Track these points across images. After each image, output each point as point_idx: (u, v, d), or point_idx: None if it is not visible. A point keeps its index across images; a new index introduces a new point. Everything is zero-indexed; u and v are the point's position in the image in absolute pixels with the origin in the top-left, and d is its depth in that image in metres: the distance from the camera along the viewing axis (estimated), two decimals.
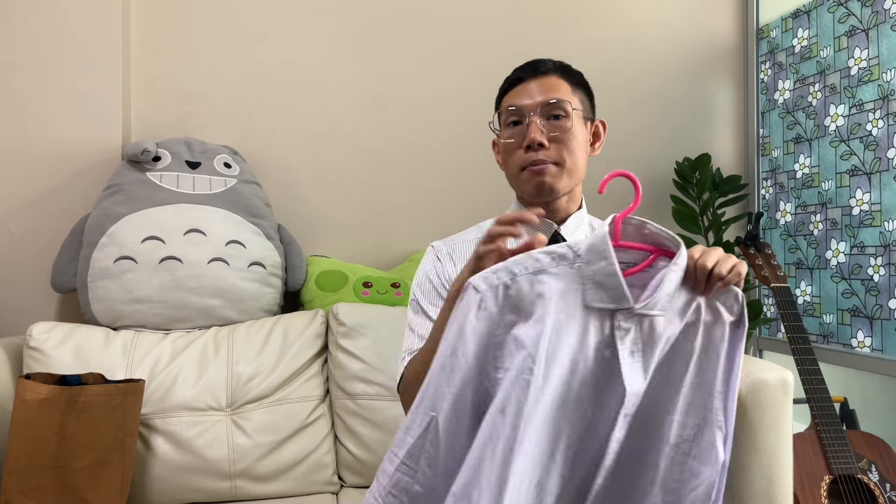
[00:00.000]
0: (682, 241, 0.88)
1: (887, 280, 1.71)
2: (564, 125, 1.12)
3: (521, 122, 1.14)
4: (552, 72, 1.15)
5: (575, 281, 0.85)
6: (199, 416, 1.59)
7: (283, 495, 1.61)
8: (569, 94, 1.14)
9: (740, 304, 0.90)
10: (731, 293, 0.90)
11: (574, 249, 0.86)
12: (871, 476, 1.57)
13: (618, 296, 0.84)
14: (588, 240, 0.86)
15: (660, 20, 2.27)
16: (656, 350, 0.87)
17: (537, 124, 1.12)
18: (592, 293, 0.85)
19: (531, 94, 1.14)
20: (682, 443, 0.89)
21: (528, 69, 1.17)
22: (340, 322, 1.72)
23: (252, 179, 1.90)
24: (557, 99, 1.12)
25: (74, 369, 1.54)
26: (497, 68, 1.21)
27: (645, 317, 0.85)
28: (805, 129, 2.01)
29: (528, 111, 1.13)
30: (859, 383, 2.12)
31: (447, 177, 2.13)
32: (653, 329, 0.86)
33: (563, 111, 1.13)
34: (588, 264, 0.85)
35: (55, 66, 1.85)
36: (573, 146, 1.13)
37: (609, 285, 0.84)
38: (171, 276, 1.70)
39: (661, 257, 0.89)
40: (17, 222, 1.85)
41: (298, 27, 2.07)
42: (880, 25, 1.74)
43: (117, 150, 1.89)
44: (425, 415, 0.83)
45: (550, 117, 1.13)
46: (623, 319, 0.85)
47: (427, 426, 0.83)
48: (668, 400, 0.89)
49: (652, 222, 0.89)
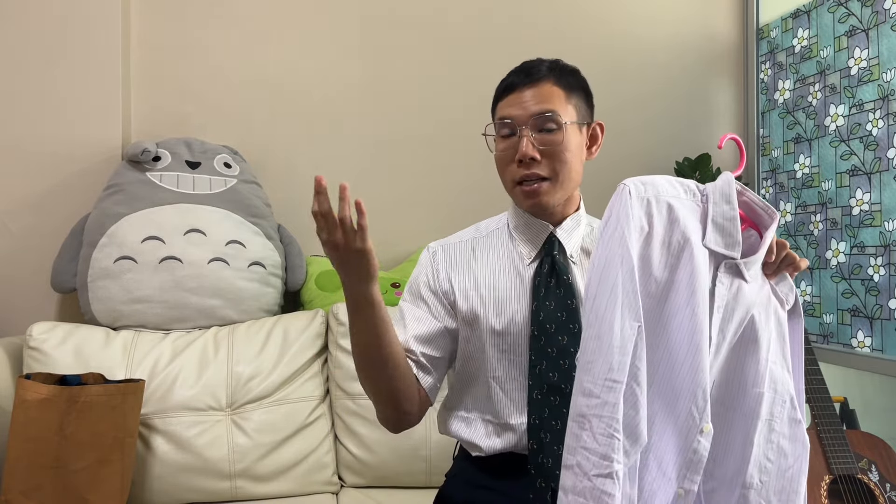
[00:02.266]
0: (777, 212, 0.92)
1: (887, 280, 1.71)
2: (556, 139, 1.09)
3: (513, 133, 1.11)
4: (546, 77, 1.11)
5: (699, 218, 0.90)
6: (199, 416, 1.59)
7: (283, 495, 1.61)
8: (562, 103, 1.11)
9: (795, 295, 0.94)
10: (786, 282, 0.95)
11: (700, 189, 0.91)
12: (871, 476, 1.57)
13: (732, 242, 0.88)
14: (714, 183, 0.90)
15: (660, 20, 2.27)
16: (735, 317, 0.89)
17: (529, 138, 1.09)
18: (711, 234, 0.89)
19: (523, 105, 1.10)
20: (773, 419, 0.90)
21: (522, 74, 1.13)
22: (340, 322, 1.72)
23: (252, 179, 1.90)
24: (550, 112, 1.09)
25: (74, 369, 1.54)
26: (497, 69, 1.20)
27: (737, 276, 0.89)
28: (805, 129, 2.01)
29: (519, 124, 1.10)
30: (859, 383, 2.12)
31: (447, 177, 2.13)
32: (739, 293, 0.89)
33: (556, 123, 1.09)
34: (714, 205, 0.89)
35: (55, 66, 1.85)
36: (566, 158, 1.10)
37: (727, 230, 0.88)
38: (171, 276, 1.70)
39: (750, 228, 0.93)
40: (17, 222, 1.85)
41: (298, 27, 2.07)
42: (880, 25, 1.74)
43: (117, 150, 1.89)
44: (631, 328, 0.82)
45: (543, 130, 1.10)
46: (724, 271, 0.88)
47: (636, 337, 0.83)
48: (755, 373, 0.90)
49: (751, 190, 0.93)
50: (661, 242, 0.87)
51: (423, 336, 1.15)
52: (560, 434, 1.05)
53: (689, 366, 0.84)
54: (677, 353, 0.85)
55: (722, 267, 0.88)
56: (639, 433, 0.81)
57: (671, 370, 0.85)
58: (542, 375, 1.08)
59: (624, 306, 0.82)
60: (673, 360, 0.85)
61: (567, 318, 1.09)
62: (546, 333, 1.09)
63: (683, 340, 0.85)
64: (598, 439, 0.79)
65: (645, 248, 0.87)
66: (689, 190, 0.91)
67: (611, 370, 0.80)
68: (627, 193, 0.87)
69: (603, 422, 0.80)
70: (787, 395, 0.91)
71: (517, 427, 1.11)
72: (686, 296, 0.85)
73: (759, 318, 0.91)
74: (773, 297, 0.93)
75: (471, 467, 1.17)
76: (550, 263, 1.12)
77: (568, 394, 1.04)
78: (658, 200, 0.88)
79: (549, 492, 1.05)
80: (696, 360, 0.84)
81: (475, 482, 1.15)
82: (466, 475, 1.18)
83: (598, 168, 1.28)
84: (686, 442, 0.85)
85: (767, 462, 0.90)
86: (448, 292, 1.17)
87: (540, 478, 1.06)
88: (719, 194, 0.90)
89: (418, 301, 1.19)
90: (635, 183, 0.88)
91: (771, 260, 0.93)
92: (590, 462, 0.80)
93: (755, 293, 0.90)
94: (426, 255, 1.22)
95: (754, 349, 0.90)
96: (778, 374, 0.91)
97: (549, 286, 1.11)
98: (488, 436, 1.14)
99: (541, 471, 1.06)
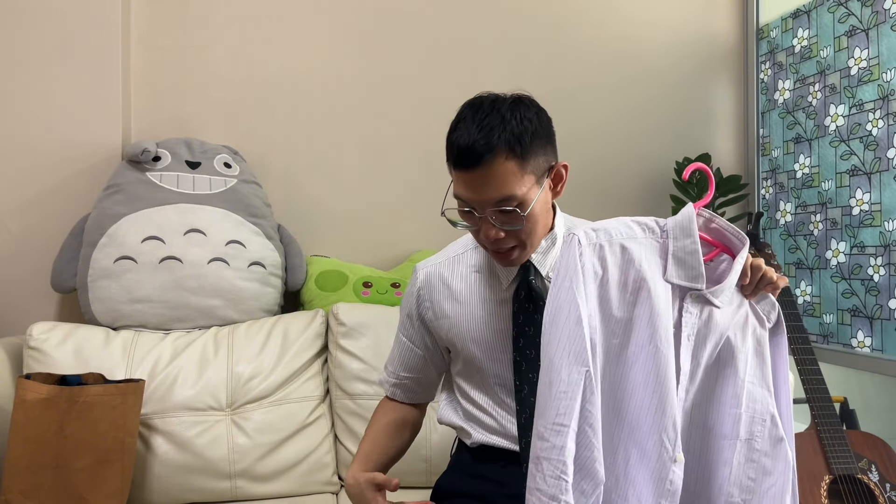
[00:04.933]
0: (747, 237, 0.93)
1: (887, 280, 1.71)
2: (517, 219, 1.03)
3: (471, 211, 1.05)
4: (498, 152, 1.00)
5: (658, 254, 0.92)
6: (199, 416, 1.59)
7: (283, 495, 1.61)
8: (518, 180, 1.01)
9: (777, 312, 0.95)
10: (768, 300, 0.96)
11: (660, 225, 0.93)
12: (871, 476, 1.57)
13: (695, 275, 0.90)
14: (674, 218, 0.93)
15: (660, 20, 2.27)
16: (709, 343, 0.91)
17: (490, 222, 1.04)
18: (673, 268, 0.91)
19: (478, 190, 1.02)
20: (753, 439, 0.92)
21: (467, 161, 1.02)
22: (340, 322, 1.72)
23: (252, 179, 1.90)
24: (507, 197, 1.02)
25: (74, 369, 1.54)
26: (497, 69, 1.20)
27: (707, 304, 0.91)
28: (805, 129, 2.01)
29: (478, 210, 1.04)
30: (859, 383, 2.12)
31: (447, 177, 2.13)
32: (710, 319, 0.91)
33: (517, 205, 1.03)
34: (675, 240, 0.91)
35: (55, 66, 1.85)
36: (530, 226, 1.06)
37: (689, 263, 0.90)
38: (171, 276, 1.70)
39: (722, 253, 0.94)
40: (17, 222, 1.85)
41: (299, 27, 2.07)
42: (880, 25, 1.74)
43: (117, 150, 1.89)
44: (578, 374, 0.85)
45: (504, 211, 1.03)
46: (691, 302, 0.90)
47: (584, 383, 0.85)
48: (732, 395, 0.92)
49: (720, 217, 0.93)
50: (618, 284, 0.90)
51: (411, 367, 1.26)
52: None
53: (658, 399, 0.87)
54: (644, 388, 0.88)
55: (688, 298, 0.91)
56: (595, 472, 0.85)
57: (640, 405, 0.88)
58: (525, 400, 1.09)
59: (571, 354, 0.85)
60: (640, 395, 0.88)
61: None
62: (527, 359, 1.10)
63: (650, 375, 0.88)
64: (547, 481, 0.83)
65: (602, 291, 0.90)
66: (648, 228, 0.93)
67: (558, 415, 0.84)
68: (577, 243, 0.89)
69: (551, 464, 0.83)
70: (766, 415, 0.92)
71: (508, 431, 1.15)
72: (648, 332, 0.88)
73: (734, 339, 0.93)
74: (752, 317, 0.95)
75: (466, 456, 1.21)
76: (527, 290, 1.12)
77: None
78: (611, 244, 0.91)
79: None
80: (664, 392, 0.87)
81: (471, 472, 1.19)
82: (462, 465, 1.22)
83: (599, 168, 1.28)
84: (661, 474, 0.88)
85: (749, 481, 0.92)
86: (430, 320, 1.21)
87: None
88: (679, 229, 0.92)
89: (405, 328, 1.27)
90: (586, 231, 0.91)
91: (745, 283, 0.93)
92: (541, 502, 0.84)
93: (729, 317, 0.92)
94: (413, 278, 1.25)
95: (731, 371, 0.92)
96: (757, 393, 0.93)
97: (528, 311, 1.11)
98: (481, 429, 1.18)
99: None
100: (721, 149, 2.30)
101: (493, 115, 1.03)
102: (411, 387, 1.28)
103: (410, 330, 1.25)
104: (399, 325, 1.29)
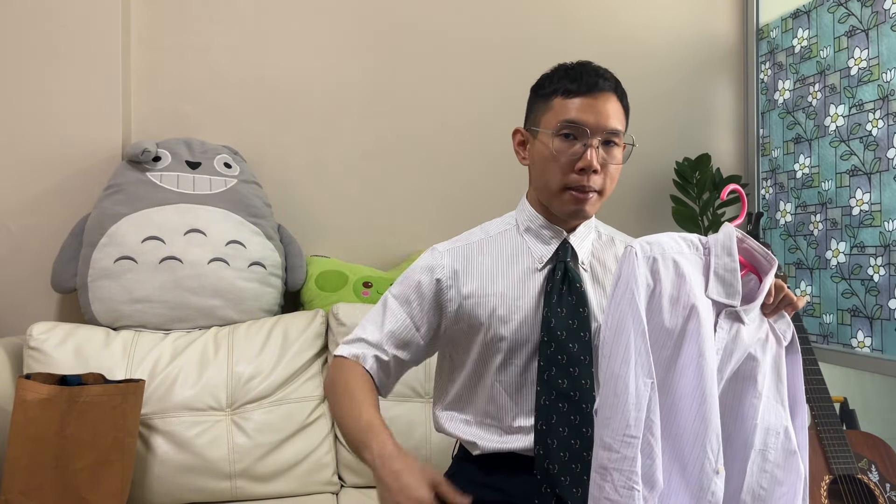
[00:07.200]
0: (776, 258, 0.97)
1: (887, 280, 1.71)
2: (617, 157, 1.11)
3: (577, 138, 1.09)
4: (611, 91, 1.11)
5: (701, 271, 0.96)
6: (199, 416, 1.59)
7: (283, 495, 1.61)
8: (622, 122, 1.12)
9: (792, 331, 1.00)
10: (784, 320, 1.01)
11: (703, 242, 0.98)
12: (871, 476, 1.57)
13: (733, 292, 0.95)
14: (716, 236, 0.97)
15: (660, 20, 2.27)
16: (734, 358, 0.95)
17: (596, 150, 1.08)
18: (714, 284, 0.95)
19: (596, 116, 1.08)
20: (766, 449, 0.96)
21: (591, 83, 1.09)
22: (340, 322, 1.72)
23: (252, 179, 1.90)
24: (618, 130, 1.10)
25: (74, 369, 1.54)
26: (497, 69, 1.20)
27: (736, 321, 0.95)
28: (805, 129, 2.01)
29: (592, 133, 1.08)
30: (859, 383, 2.12)
31: (447, 177, 2.13)
32: (737, 336, 0.95)
33: (618, 141, 1.11)
34: (716, 257, 0.96)
35: (55, 66, 1.85)
36: (617, 176, 1.13)
37: (728, 280, 0.95)
38: (171, 276, 1.70)
39: (750, 273, 0.99)
40: (17, 222, 1.85)
41: (298, 27, 2.06)
42: (880, 25, 1.74)
43: (117, 150, 1.89)
44: (645, 385, 0.89)
45: (607, 143, 1.10)
46: (724, 318, 0.95)
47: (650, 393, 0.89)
48: (750, 406, 0.96)
49: (751, 238, 0.97)
50: (669, 297, 0.93)
51: (398, 338, 1.16)
52: (567, 440, 1.05)
53: (704, 411, 0.91)
54: (692, 399, 0.91)
55: (723, 313, 0.95)
56: (655, 480, 0.89)
57: (686, 416, 0.92)
58: (551, 382, 1.08)
59: (637, 365, 0.89)
60: (687, 407, 0.91)
61: (578, 325, 1.09)
62: (556, 340, 1.08)
63: (697, 388, 0.91)
64: (619, 491, 0.87)
65: (653, 303, 0.93)
66: (693, 244, 0.97)
67: (628, 427, 0.88)
68: (634, 255, 0.92)
69: (623, 475, 0.87)
70: (780, 427, 0.96)
71: (522, 430, 1.11)
72: (698, 346, 0.91)
73: (756, 355, 0.97)
74: (771, 335, 0.99)
75: (471, 465, 1.17)
76: (563, 270, 1.12)
77: (577, 401, 1.06)
78: (664, 257, 0.94)
79: (553, 498, 1.05)
80: (709, 405, 0.91)
81: (476, 481, 1.14)
82: (466, 473, 1.17)
83: None
84: (702, 484, 0.91)
85: (761, 490, 0.95)
86: (453, 299, 1.15)
87: (545, 483, 1.06)
88: (721, 247, 0.96)
89: (405, 300, 1.17)
90: (641, 244, 0.94)
91: (770, 302, 0.98)
92: None
93: (753, 333, 0.97)
94: (431, 255, 1.19)
95: (750, 384, 0.96)
96: (772, 407, 0.97)
97: (562, 293, 1.10)
98: (490, 437, 1.14)
99: (546, 476, 1.06)
100: (721, 149, 2.30)
101: (602, 69, 1.13)
102: (387, 365, 1.15)
103: (409, 304, 1.16)
104: (396, 293, 1.18)
